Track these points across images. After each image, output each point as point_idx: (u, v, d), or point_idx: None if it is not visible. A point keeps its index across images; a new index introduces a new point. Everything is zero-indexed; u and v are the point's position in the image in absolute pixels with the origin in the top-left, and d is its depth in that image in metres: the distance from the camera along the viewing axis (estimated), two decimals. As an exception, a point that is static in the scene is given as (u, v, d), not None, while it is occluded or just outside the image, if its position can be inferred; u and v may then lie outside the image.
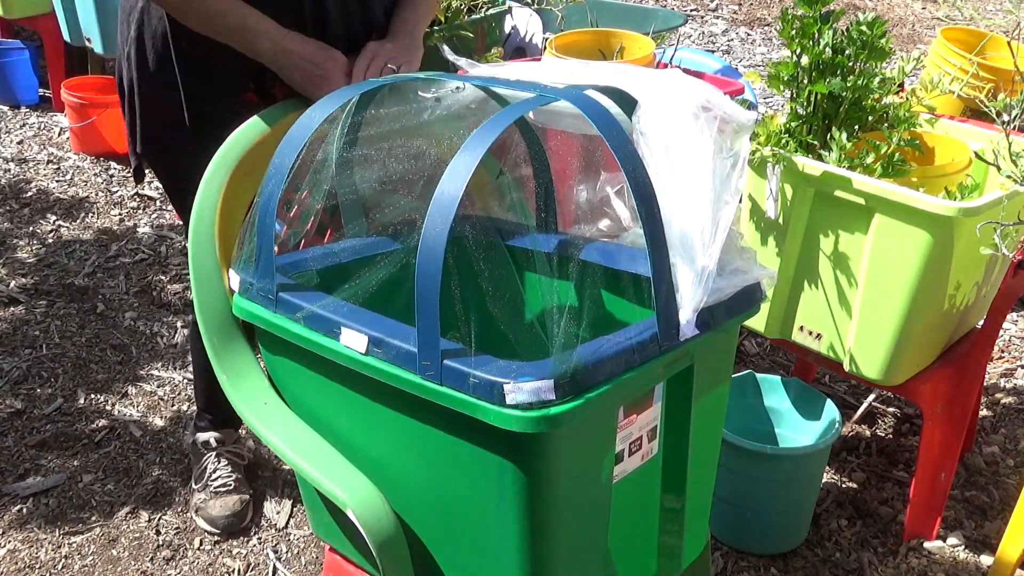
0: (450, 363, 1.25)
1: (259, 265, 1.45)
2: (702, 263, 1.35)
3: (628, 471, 1.42)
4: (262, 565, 2.24)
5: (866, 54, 2.05)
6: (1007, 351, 3.06)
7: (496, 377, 1.22)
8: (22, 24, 4.71)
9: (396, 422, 1.38)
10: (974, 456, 2.57)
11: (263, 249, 1.44)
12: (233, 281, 1.52)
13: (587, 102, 1.35)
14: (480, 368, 1.24)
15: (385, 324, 1.35)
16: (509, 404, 1.21)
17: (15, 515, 2.35)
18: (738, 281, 1.43)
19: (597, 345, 1.29)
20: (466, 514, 1.37)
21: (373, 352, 1.32)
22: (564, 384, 1.22)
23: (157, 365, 2.90)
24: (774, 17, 6.11)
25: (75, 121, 4.19)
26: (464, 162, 1.26)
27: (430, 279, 1.23)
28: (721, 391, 1.56)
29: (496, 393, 1.21)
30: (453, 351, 1.27)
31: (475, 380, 1.23)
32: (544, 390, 1.21)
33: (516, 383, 1.20)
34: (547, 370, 1.22)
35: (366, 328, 1.34)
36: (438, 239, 1.23)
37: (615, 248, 1.63)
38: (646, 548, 1.56)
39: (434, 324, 1.25)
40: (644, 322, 1.35)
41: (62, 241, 3.57)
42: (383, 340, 1.31)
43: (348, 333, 1.35)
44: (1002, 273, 2.22)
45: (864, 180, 1.91)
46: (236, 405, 1.55)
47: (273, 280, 1.44)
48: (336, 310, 1.39)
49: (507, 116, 1.33)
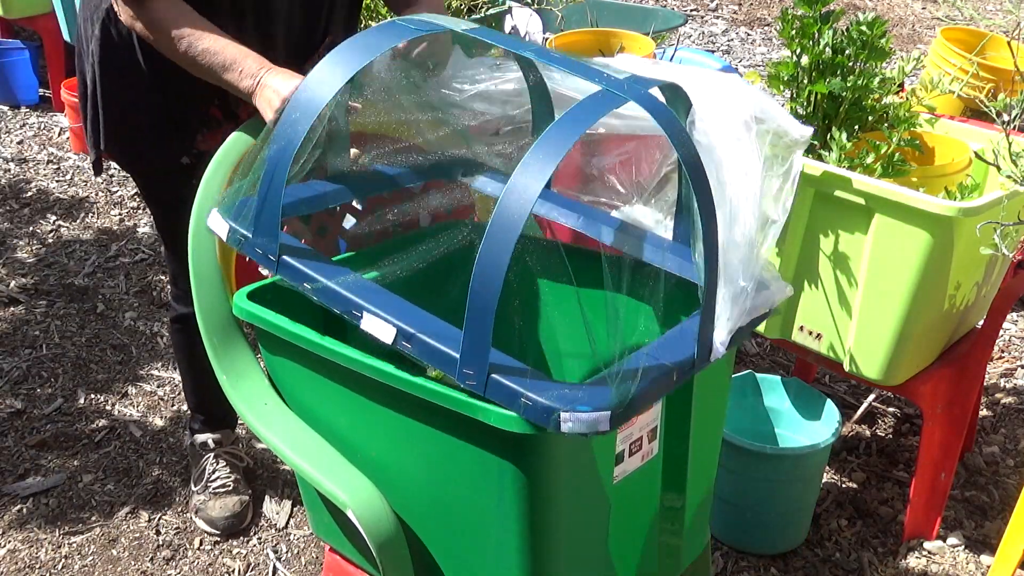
0: (499, 378, 1.17)
1: (260, 219, 1.29)
2: (742, 284, 1.31)
3: (628, 471, 1.41)
4: (262, 565, 2.24)
5: (866, 54, 2.05)
6: (1007, 351, 3.06)
7: (553, 403, 1.15)
8: (22, 24, 4.70)
9: (396, 422, 1.37)
10: (974, 456, 2.57)
11: (268, 203, 1.28)
12: (218, 226, 1.34)
13: (655, 105, 1.23)
14: (535, 391, 1.16)
15: (419, 317, 1.22)
16: (563, 431, 1.14)
17: (15, 515, 2.35)
18: (768, 299, 1.39)
19: (650, 373, 1.22)
20: (466, 514, 1.37)
21: (401, 346, 1.20)
22: (619, 415, 1.17)
23: (157, 365, 2.90)
24: (774, 17, 6.11)
25: (75, 121, 4.19)
26: (538, 166, 1.14)
27: (490, 284, 1.13)
28: (722, 391, 1.56)
29: (552, 420, 1.14)
30: (504, 366, 1.18)
31: (527, 402, 1.15)
32: (601, 422, 1.14)
33: (574, 413, 1.14)
34: (607, 401, 1.16)
35: (395, 317, 1.20)
36: (505, 245, 1.12)
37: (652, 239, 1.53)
38: (646, 548, 1.56)
39: (486, 332, 1.15)
40: (679, 340, 1.29)
41: (62, 241, 3.57)
42: (415, 336, 1.19)
43: (371, 319, 1.21)
44: (1002, 273, 2.22)
45: (864, 180, 1.91)
46: (236, 405, 1.54)
47: (276, 239, 1.29)
48: (357, 289, 1.24)
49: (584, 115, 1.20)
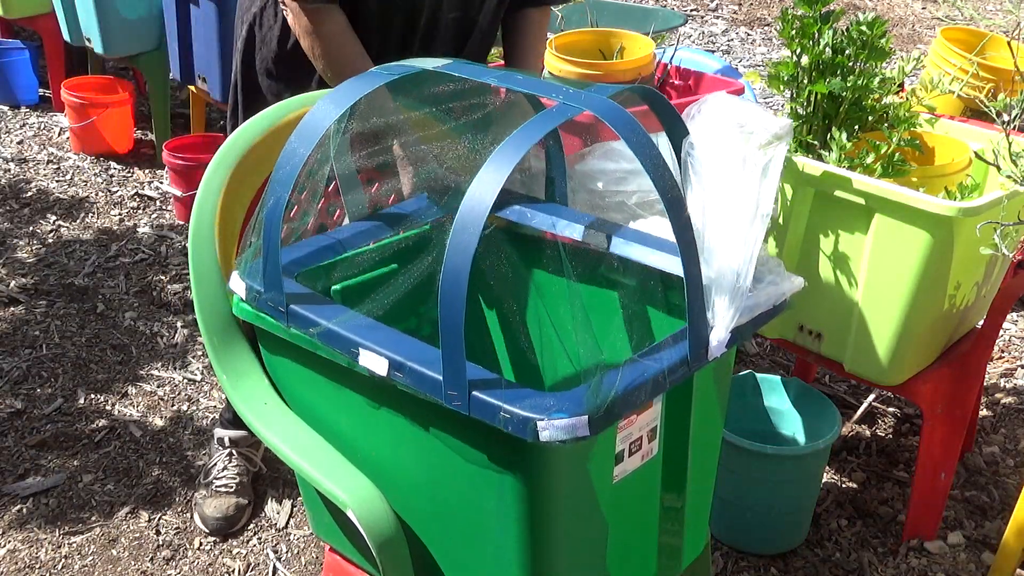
0: (479, 395, 1.20)
1: (266, 275, 1.40)
2: (737, 282, 1.32)
3: (628, 471, 1.41)
4: (262, 565, 2.24)
5: (866, 54, 2.05)
6: (1007, 351, 3.06)
7: (529, 413, 1.17)
8: (22, 24, 4.70)
9: (396, 422, 1.38)
10: (974, 456, 2.57)
11: (270, 259, 1.39)
12: (237, 286, 1.46)
13: (611, 110, 1.28)
14: (512, 403, 1.18)
15: (407, 346, 1.29)
16: (543, 440, 1.16)
17: (15, 515, 2.35)
18: (775, 294, 1.40)
19: (630, 374, 1.23)
20: (466, 514, 1.37)
21: (394, 376, 1.27)
22: (598, 420, 1.18)
23: (157, 365, 2.90)
24: (774, 17, 6.11)
25: (75, 121, 4.19)
26: (491, 178, 1.19)
27: (454, 307, 1.16)
28: (722, 391, 1.56)
29: (529, 430, 1.17)
30: (482, 381, 1.21)
31: (506, 415, 1.18)
32: (579, 427, 1.16)
33: (550, 420, 1.16)
34: (582, 405, 1.17)
35: (387, 351, 1.28)
36: (463, 265, 1.16)
37: (639, 237, 1.54)
38: (646, 548, 1.56)
39: (459, 354, 1.19)
40: (672, 340, 1.30)
41: (62, 241, 3.57)
42: (405, 365, 1.26)
43: (367, 355, 1.29)
44: (1002, 273, 2.22)
45: (864, 180, 1.91)
46: (236, 405, 1.55)
47: (282, 291, 1.39)
48: (354, 328, 1.33)
49: (536, 129, 1.25)
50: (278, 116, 1.70)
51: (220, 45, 3.63)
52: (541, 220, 1.56)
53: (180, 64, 3.87)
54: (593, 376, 1.21)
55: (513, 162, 1.20)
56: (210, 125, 4.40)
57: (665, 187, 1.24)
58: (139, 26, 4.03)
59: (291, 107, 1.72)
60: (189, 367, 2.90)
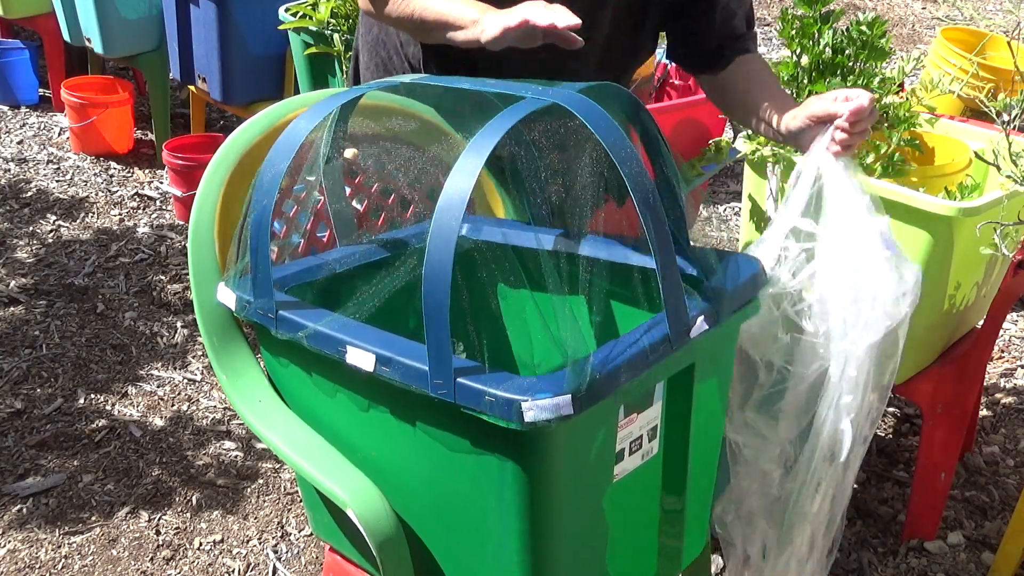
0: (464, 381, 1.23)
1: (256, 283, 1.43)
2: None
3: (628, 470, 1.41)
4: (262, 565, 2.24)
5: (866, 54, 2.05)
6: (1007, 351, 3.06)
7: (513, 395, 1.19)
8: (22, 24, 4.70)
9: (395, 421, 1.38)
10: (974, 456, 2.57)
11: (259, 267, 1.41)
12: (227, 298, 1.49)
13: (580, 103, 1.32)
14: (496, 386, 1.21)
15: (392, 342, 1.33)
16: (528, 422, 1.19)
17: (15, 515, 2.35)
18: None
19: (610, 351, 1.27)
20: (466, 513, 1.37)
21: (381, 371, 1.30)
22: (581, 398, 1.20)
23: (157, 365, 2.90)
24: (774, 17, 6.10)
25: (75, 121, 4.19)
26: (465, 171, 1.23)
27: (438, 295, 1.20)
28: (722, 390, 1.56)
29: (514, 412, 1.19)
30: (466, 369, 1.24)
31: (491, 399, 1.20)
32: (562, 406, 1.19)
33: (534, 400, 1.18)
34: (563, 385, 1.20)
35: (373, 346, 1.31)
36: (445, 253, 1.19)
37: (617, 241, 1.60)
38: (646, 548, 1.56)
39: (445, 341, 1.22)
40: (652, 321, 1.33)
41: (62, 241, 3.57)
42: (392, 359, 1.29)
43: (354, 352, 1.32)
44: (1002, 273, 2.22)
45: (864, 180, 1.91)
46: (236, 405, 1.55)
47: (272, 298, 1.42)
48: (340, 328, 1.36)
49: (504, 121, 1.30)
50: (278, 116, 1.69)
51: (220, 45, 3.64)
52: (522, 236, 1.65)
53: (180, 64, 3.87)
54: (575, 357, 1.23)
55: (486, 152, 1.24)
56: (210, 125, 4.41)
57: (637, 181, 1.27)
58: (139, 26, 4.03)
59: (291, 107, 1.71)
60: (189, 367, 2.90)
